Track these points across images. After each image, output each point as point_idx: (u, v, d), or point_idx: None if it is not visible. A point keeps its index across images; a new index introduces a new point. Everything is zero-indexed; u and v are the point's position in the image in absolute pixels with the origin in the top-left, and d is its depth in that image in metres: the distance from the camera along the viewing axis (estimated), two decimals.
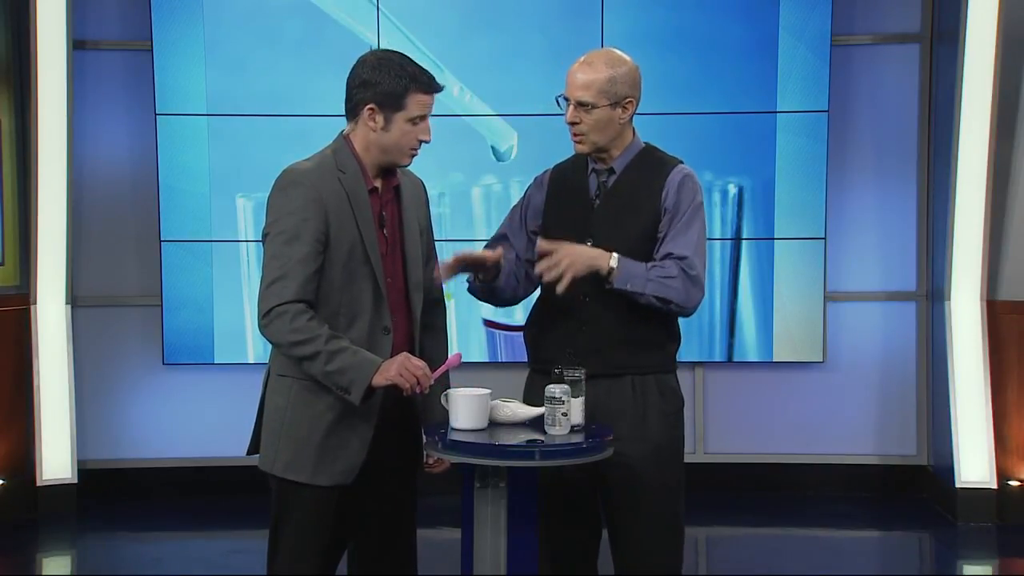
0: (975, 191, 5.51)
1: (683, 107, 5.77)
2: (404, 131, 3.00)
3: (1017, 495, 5.54)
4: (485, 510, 2.93)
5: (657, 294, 3.12)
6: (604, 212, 3.21)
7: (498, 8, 5.77)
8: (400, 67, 2.99)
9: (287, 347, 2.92)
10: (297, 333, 2.88)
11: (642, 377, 3.18)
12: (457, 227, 5.82)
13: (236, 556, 5.08)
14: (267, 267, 2.96)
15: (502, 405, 3.04)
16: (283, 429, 3.01)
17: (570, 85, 3.15)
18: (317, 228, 2.93)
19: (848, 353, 6.03)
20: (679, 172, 3.22)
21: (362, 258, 2.99)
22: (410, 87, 2.98)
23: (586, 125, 3.15)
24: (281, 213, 2.96)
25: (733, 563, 5.26)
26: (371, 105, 2.99)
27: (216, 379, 5.83)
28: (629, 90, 3.16)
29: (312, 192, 2.95)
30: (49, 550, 5.40)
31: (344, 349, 2.89)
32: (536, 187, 3.35)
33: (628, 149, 3.23)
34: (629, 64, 3.18)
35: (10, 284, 5.59)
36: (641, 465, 3.15)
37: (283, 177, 3.02)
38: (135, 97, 5.83)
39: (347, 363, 2.88)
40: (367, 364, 2.89)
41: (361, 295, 2.99)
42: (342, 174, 3.00)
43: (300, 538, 3.03)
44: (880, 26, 5.95)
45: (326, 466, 2.98)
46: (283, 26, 5.75)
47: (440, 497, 3.85)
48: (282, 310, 2.89)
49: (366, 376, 2.89)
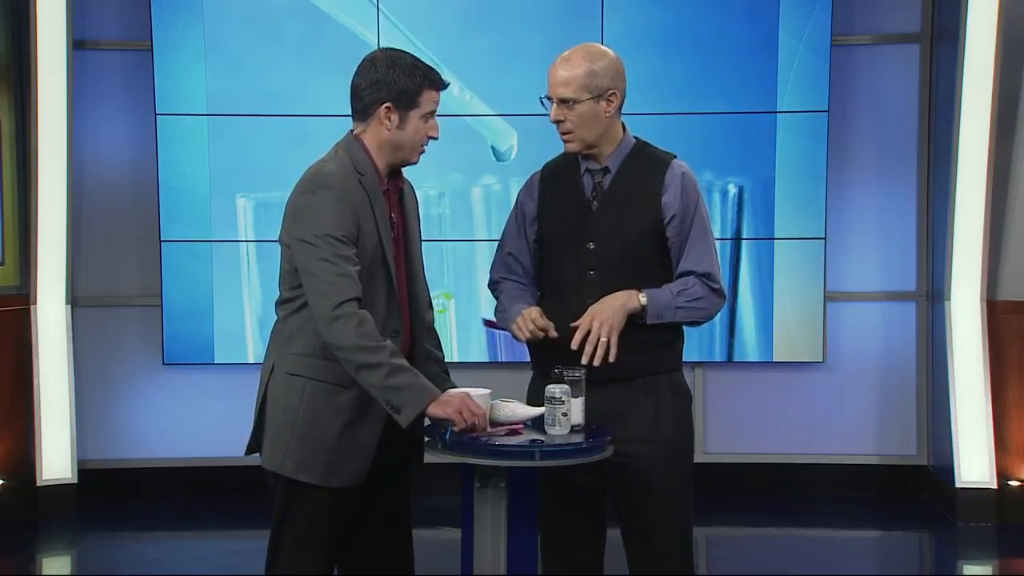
0: (975, 191, 5.51)
1: (683, 107, 5.77)
2: (417, 128, 3.02)
3: (1017, 495, 5.54)
4: (485, 510, 2.93)
5: (688, 320, 3.16)
6: (603, 214, 3.17)
7: (498, 8, 5.77)
8: (412, 65, 3.01)
9: (352, 350, 2.87)
10: (366, 339, 2.86)
11: (653, 378, 3.16)
12: (457, 227, 5.81)
13: (236, 556, 5.08)
14: (311, 272, 2.91)
15: (502, 405, 3.03)
16: (295, 429, 3.00)
17: (551, 84, 3.13)
18: (351, 231, 2.94)
19: (848, 353, 6.03)
20: (676, 169, 3.18)
21: (380, 260, 3.00)
22: (424, 84, 3.00)
23: (571, 122, 3.12)
24: (315, 215, 2.94)
25: (733, 563, 5.26)
26: (388, 103, 3.00)
27: (216, 379, 5.83)
28: (611, 82, 3.12)
29: (342, 194, 2.95)
30: (49, 550, 5.40)
31: (407, 369, 2.88)
32: (526, 194, 3.30)
33: (620, 146, 3.19)
34: (610, 56, 3.14)
35: (10, 284, 5.59)
36: (655, 466, 3.14)
37: (312, 180, 3.00)
38: (135, 97, 5.83)
39: (408, 382, 2.87)
40: (426, 390, 2.89)
41: (377, 296, 3.00)
42: (361, 176, 3.00)
43: (303, 539, 3.02)
44: (880, 26, 5.95)
45: (338, 468, 2.98)
46: (283, 26, 5.75)
47: (440, 497, 3.85)
48: (350, 312, 2.87)
49: (422, 402, 2.87)
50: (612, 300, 3.08)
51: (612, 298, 3.09)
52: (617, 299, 3.08)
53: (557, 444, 2.90)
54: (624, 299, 3.08)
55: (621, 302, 3.08)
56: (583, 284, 3.16)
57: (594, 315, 3.06)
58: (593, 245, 3.15)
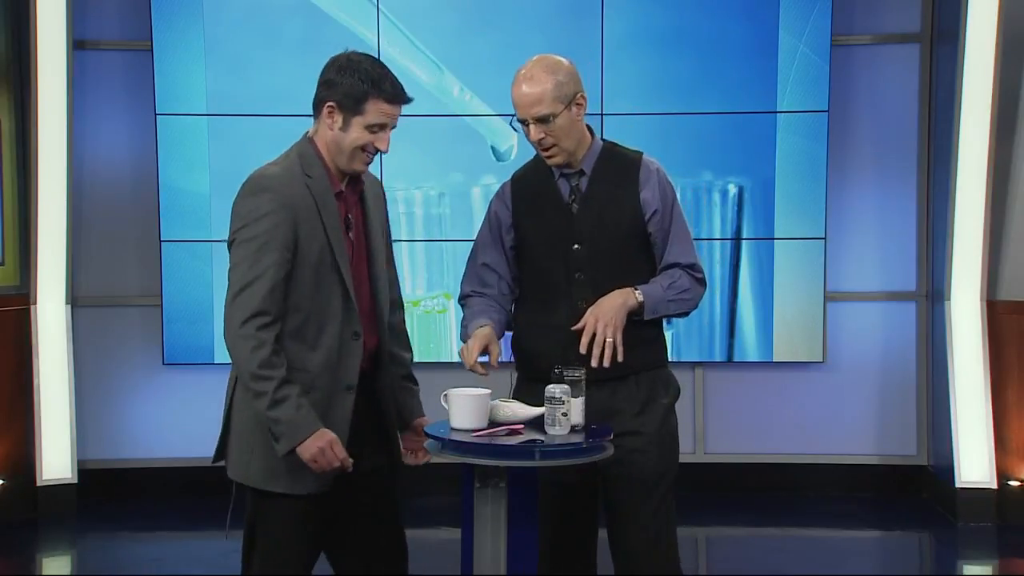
0: (975, 191, 5.51)
1: (683, 107, 5.77)
2: (358, 136, 2.97)
3: (1017, 495, 5.53)
4: (485, 510, 2.93)
5: (678, 311, 3.22)
6: (585, 215, 3.19)
7: (498, 8, 5.77)
8: (365, 72, 2.95)
9: (243, 374, 2.89)
10: (257, 367, 2.85)
11: (639, 375, 3.19)
12: (457, 227, 5.81)
13: (236, 556, 5.06)
14: (234, 272, 2.91)
15: (502, 405, 3.04)
16: (256, 438, 2.97)
17: (520, 106, 3.14)
18: (286, 235, 2.90)
19: (848, 353, 6.03)
20: (650, 165, 3.24)
21: (331, 264, 2.96)
22: (370, 93, 2.94)
23: (552, 137, 3.14)
24: (249, 219, 2.91)
25: (733, 563, 5.26)
26: (331, 103, 2.97)
27: (216, 379, 5.74)
28: (575, 87, 3.15)
29: (281, 198, 2.91)
30: (49, 550, 5.40)
31: (288, 401, 2.86)
32: (499, 203, 3.31)
33: (591, 148, 3.23)
34: (564, 63, 3.17)
35: (10, 284, 5.59)
36: (639, 459, 3.16)
37: (251, 182, 2.97)
38: (135, 97, 5.83)
39: (286, 417, 2.86)
40: (303, 426, 2.86)
41: (331, 301, 2.97)
42: (308, 179, 2.97)
43: (276, 548, 3.00)
44: (880, 26, 5.95)
45: (303, 474, 2.94)
46: (283, 26, 5.75)
47: (440, 497, 3.85)
48: (248, 334, 2.85)
49: (295, 439, 2.86)
50: (611, 299, 3.10)
51: (610, 297, 3.11)
52: (616, 298, 3.11)
53: (557, 444, 2.90)
54: (623, 297, 3.11)
55: (620, 300, 3.10)
56: (572, 286, 3.18)
57: (596, 316, 3.07)
58: (579, 247, 3.17)
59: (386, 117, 2.98)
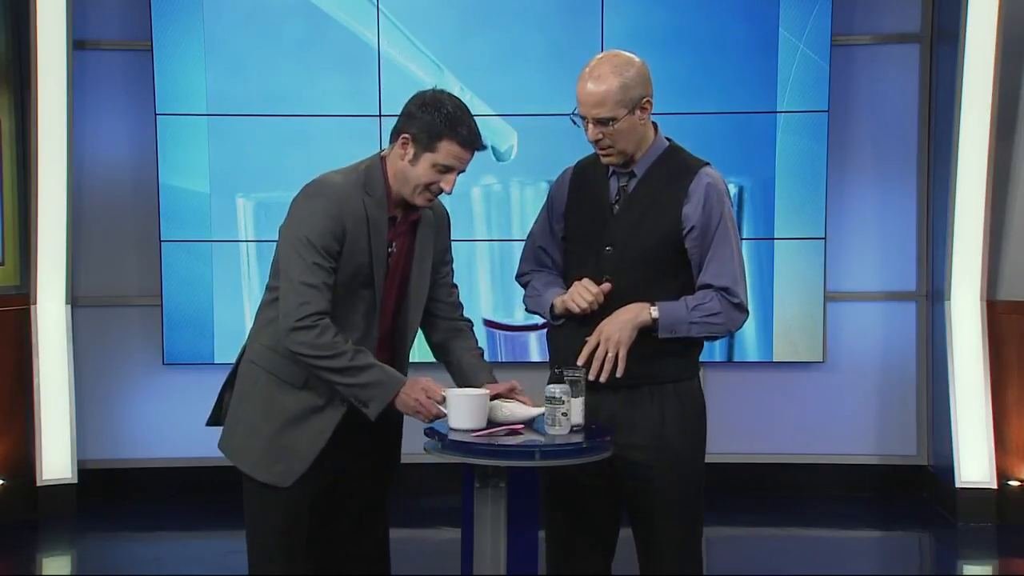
0: (975, 191, 5.51)
1: (683, 107, 5.76)
2: (425, 172, 2.99)
3: (1017, 495, 5.54)
4: (485, 510, 2.93)
5: (705, 335, 3.10)
6: (623, 219, 3.11)
7: (498, 8, 5.77)
8: (446, 112, 2.97)
9: (311, 358, 2.93)
10: (322, 349, 2.91)
11: (659, 386, 3.12)
12: (457, 227, 5.66)
13: (236, 556, 5.05)
14: (291, 267, 2.96)
15: (501, 405, 3.03)
16: (240, 415, 3.09)
17: (583, 103, 3.05)
18: (331, 244, 2.95)
19: (848, 353, 6.03)
20: (703, 178, 3.12)
21: (365, 281, 3.00)
22: (446, 133, 2.96)
23: (610, 139, 3.06)
24: (302, 219, 2.97)
25: (733, 563, 5.26)
26: (406, 135, 2.99)
27: (216, 379, 5.68)
28: (643, 90, 3.08)
29: (334, 207, 2.95)
30: (49, 550, 5.40)
31: (367, 364, 2.92)
32: (557, 189, 3.26)
33: (650, 149, 3.15)
34: (636, 64, 3.10)
35: (10, 284, 5.59)
36: (661, 474, 3.13)
37: (312, 185, 3.03)
38: (135, 97, 5.83)
39: (373, 378, 2.92)
40: (390, 383, 2.93)
41: (350, 316, 3.01)
42: (367, 196, 3.00)
43: (256, 531, 3.12)
44: (880, 26, 5.95)
45: (267, 463, 3.02)
46: (283, 26, 5.74)
47: (440, 497, 3.85)
48: (309, 325, 2.91)
49: (388, 395, 2.93)
50: (622, 314, 3.04)
51: (623, 312, 3.04)
52: (627, 313, 3.04)
53: (557, 444, 2.90)
54: (634, 312, 3.04)
55: (631, 316, 3.03)
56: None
57: (602, 331, 3.03)
58: (611, 249, 3.10)
59: (456, 160, 3.00)
